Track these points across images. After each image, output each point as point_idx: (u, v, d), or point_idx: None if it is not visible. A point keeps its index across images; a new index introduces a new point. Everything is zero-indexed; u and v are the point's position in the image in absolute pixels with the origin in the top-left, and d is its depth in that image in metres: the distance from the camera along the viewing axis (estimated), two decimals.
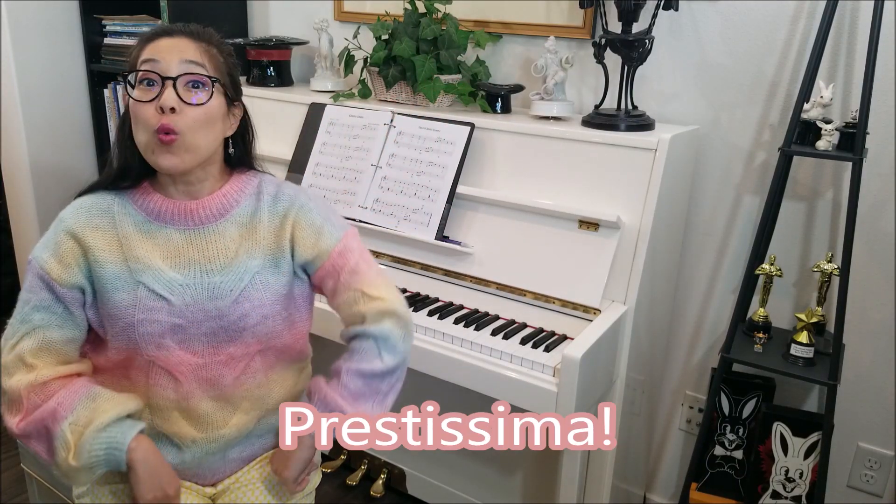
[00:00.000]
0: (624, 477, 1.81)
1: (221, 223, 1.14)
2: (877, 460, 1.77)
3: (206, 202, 1.14)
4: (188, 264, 1.12)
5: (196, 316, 1.10)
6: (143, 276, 1.09)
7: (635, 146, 1.59)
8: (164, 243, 1.12)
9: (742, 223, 1.81)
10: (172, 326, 1.10)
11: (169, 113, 1.04)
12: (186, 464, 1.17)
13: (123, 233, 1.11)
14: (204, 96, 1.07)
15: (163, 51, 1.06)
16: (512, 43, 2.01)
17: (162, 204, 1.13)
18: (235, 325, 1.12)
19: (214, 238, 1.13)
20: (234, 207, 1.15)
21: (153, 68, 1.05)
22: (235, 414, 1.17)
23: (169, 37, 1.08)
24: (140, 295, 1.09)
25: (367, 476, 2.15)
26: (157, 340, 1.10)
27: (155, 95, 1.05)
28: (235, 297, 1.12)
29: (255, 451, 1.25)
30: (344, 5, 2.28)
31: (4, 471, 2.19)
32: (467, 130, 1.76)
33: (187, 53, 1.07)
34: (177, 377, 1.12)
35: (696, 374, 1.96)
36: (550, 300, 1.62)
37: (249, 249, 1.14)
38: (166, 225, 1.13)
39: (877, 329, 1.71)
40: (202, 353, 1.12)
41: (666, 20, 1.76)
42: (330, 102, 2.00)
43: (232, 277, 1.12)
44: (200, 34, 1.11)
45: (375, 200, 1.83)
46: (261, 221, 1.16)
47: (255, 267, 1.14)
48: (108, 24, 2.45)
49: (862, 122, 1.47)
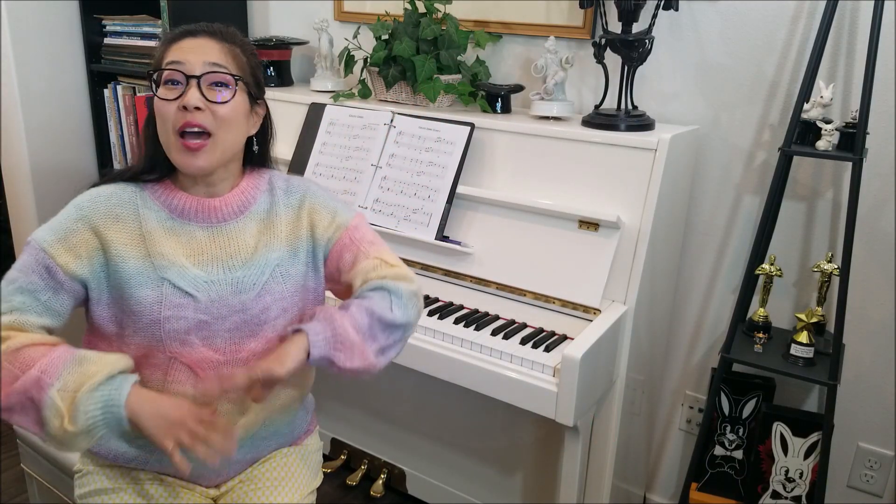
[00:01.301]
0: (624, 477, 1.81)
1: (242, 220, 1.16)
2: (877, 460, 1.77)
3: (227, 199, 1.15)
4: (211, 261, 1.13)
5: (221, 311, 1.11)
6: (167, 272, 1.09)
7: (635, 146, 1.59)
8: (187, 241, 1.13)
9: (742, 223, 1.81)
10: (198, 323, 1.10)
11: (193, 111, 1.06)
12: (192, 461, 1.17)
13: (147, 228, 1.11)
14: (228, 94, 1.09)
15: (187, 51, 1.08)
16: (512, 43, 2.01)
17: (185, 201, 1.14)
18: (258, 318, 1.13)
19: (236, 234, 1.15)
20: (252, 204, 1.17)
21: (178, 68, 1.07)
22: (245, 414, 1.18)
23: (193, 37, 1.10)
24: (165, 292, 1.09)
25: (367, 476, 2.15)
26: (182, 337, 1.10)
27: (179, 94, 1.06)
28: (258, 291, 1.13)
29: (261, 452, 1.25)
30: (344, 5, 2.28)
31: (4, 471, 2.19)
32: (467, 130, 1.76)
33: (211, 55, 1.08)
34: (197, 374, 1.12)
35: (696, 374, 1.96)
36: (550, 300, 1.62)
37: (268, 243, 1.16)
38: (189, 222, 1.13)
39: (877, 329, 1.71)
40: (224, 350, 1.13)
41: (666, 20, 1.76)
42: (330, 102, 2.00)
43: (254, 271, 1.14)
44: (223, 34, 1.12)
45: (375, 200, 1.83)
46: (277, 215, 1.18)
47: (275, 259, 1.16)
48: (108, 24, 2.45)
49: (862, 122, 1.47)
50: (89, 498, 1.20)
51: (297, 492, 1.25)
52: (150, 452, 1.17)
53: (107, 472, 1.20)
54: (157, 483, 1.20)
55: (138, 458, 1.18)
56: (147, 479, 1.20)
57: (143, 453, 1.17)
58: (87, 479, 1.22)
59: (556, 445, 1.74)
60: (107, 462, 1.21)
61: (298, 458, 1.30)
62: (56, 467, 1.54)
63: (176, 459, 1.01)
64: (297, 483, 1.26)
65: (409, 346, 1.59)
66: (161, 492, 1.19)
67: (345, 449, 2.19)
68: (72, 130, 2.52)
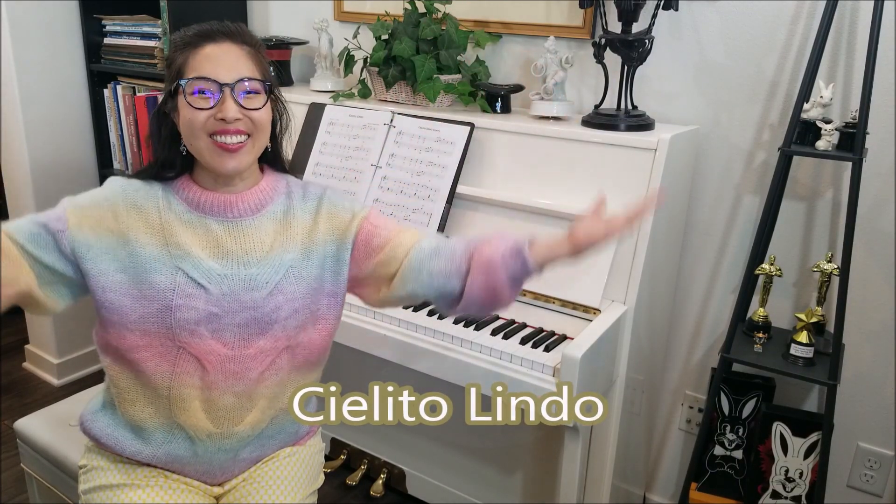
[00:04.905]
0: (624, 477, 1.81)
1: (258, 217, 1.17)
2: (877, 460, 1.77)
3: (244, 196, 1.17)
4: (226, 255, 1.14)
5: (232, 306, 1.12)
6: (182, 262, 1.11)
7: (635, 146, 1.59)
8: (203, 234, 1.14)
9: (742, 223, 1.81)
10: (208, 315, 1.11)
11: (233, 122, 1.08)
12: (198, 457, 1.18)
13: (166, 219, 1.13)
14: (260, 102, 1.12)
15: (215, 61, 1.09)
16: (512, 43, 2.01)
17: (203, 195, 1.16)
18: (268, 316, 1.14)
19: (251, 231, 1.16)
20: (269, 204, 1.19)
21: (210, 76, 1.08)
22: (252, 411, 1.18)
23: (214, 42, 1.11)
24: (179, 280, 1.11)
25: (367, 476, 2.15)
26: (191, 327, 1.11)
27: (213, 104, 1.08)
28: (270, 290, 1.14)
29: (266, 452, 1.26)
30: (344, 5, 2.28)
31: (4, 470, 2.19)
32: (467, 130, 1.76)
33: (240, 64, 1.10)
34: (205, 366, 1.13)
35: (696, 373, 1.96)
36: (550, 300, 1.62)
37: (284, 244, 1.18)
38: (206, 216, 1.15)
39: (877, 329, 1.71)
40: (233, 344, 1.13)
41: (666, 20, 1.76)
42: (330, 102, 2.00)
43: (268, 270, 1.15)
44: (242, 36, 1.14)
45: (375, 200, 1.83)
46: (295, 217, 1.20)
47: (289, 260, 1.17)
48: (108, 24, 2.45)
49: (862, 122, 1.47)
50: (94, 493, 1.21)
51: (298, 492, 1.25)
52: (158, 447, 1.18)
53: (112, 467, 1.21)
54: (163, 479, 1.20)
55: (145, 452, 1.18)
56: (153, 475, 1.20)
57: (151, 448, 1.18)
58: (93, 475, 1.22)
59: (556, 445, 1.74)
60: (113, 457, 1.22)
61: (301, 458, 1.30)
62: (56, 467, 1.54)
63: None
64: (299, 484, 1.26)
65: (408, 345, 1.59)
66: (166, 488, 1.19)
67: (345, 449, 2.19)
68: (71, 130, 2.52)
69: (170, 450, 1.17)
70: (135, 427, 1.18)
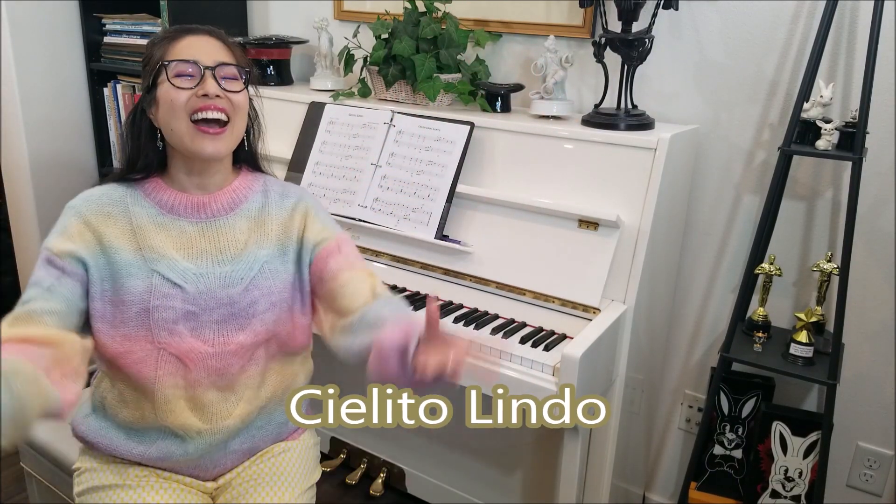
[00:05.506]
0: (623, 476, 1.81)
1: (231, 216, 1.19)
2: (876, 460, 1.77)
3: (217, 196, 1.19)
4: (200, 255, 1.16)
5: (208, 303, 1.14)
6: (157, 264, 1.12)
7: (635, 145, 1.59)
8: (177, 235, 1.15)
9: (742, 223, 1.81)
10: (186, 313, 1.13)
11: (214, 98, 1.10)
12: (189, 455, 1.18)
13: (137, 223, 1.14)
14: (239, 85, 1.15)
15: (195, 48, 1.13)
16: (512, 42, 2.01)
17: (175, 198, 1.17)
18: (245, 311, 1.16)
19: (225, 230, 1.18)
20: (243, 203, 1.21)
21: (191, 59, 1.11)
22: (239, 404, 1.19)
23: (192, 35, 1.15)
24: (154, 282, 1.12)
25: (367, 475, 2.15)
26: (170, 327, 1.12)
27: (195, 84, 1.10)
28: (246, 286, 1.16)
29: (256, 443, 1.26)
30: (344, 4, 2.28)
31: (4, 469, 2.19)
32: (467, 129, 1.76)
33: (219, 51, 1.15)
34: (186, 364, 1.13)
35: (696, 373, 1.96)
36: (550, 299, 1.62)
37: (258, 241, 1.19)
38: (179, 217, 1.16)
39: (876, 329, 1.71)
40: (212, 341, 1.15)
41: (666, 19, 1.76)
42: (330, 101, 1.99)
43: (242, 266, 1.17)
44: (219, 34, 1.18)
45: (375, 199, 1.83)
46: (269, 215, 1.22)
47: (263, 257, 1.19)
48: (108, 23, 2.45)
49: (862, 122, 1.47)
50: (88, 495, 1.21)
51: (295, 488, 1.25)
52: (150, 446, 1.18)
53: (105, 468, 1.21)
54: (155, 478, 1.21)
55: (137, 451, 1.18)
56: (145, 474, 1.20)
57: (143, 446, 1.18)
58: (86, 477, 1.22)
59: (556, 445, 1.74)
60: (106, 457, 1.22)
61: (296, 454, 1.30)
62: (56, 466, 1.54)
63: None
64: (296, 480, 1.26)
65: None
66: (159, 486, 1.20)
67: (344, 448, 2.19)
68: (71, 129, 2.52)
69: (161, 448, 1.18)
70: (126, 429, 1.19)
